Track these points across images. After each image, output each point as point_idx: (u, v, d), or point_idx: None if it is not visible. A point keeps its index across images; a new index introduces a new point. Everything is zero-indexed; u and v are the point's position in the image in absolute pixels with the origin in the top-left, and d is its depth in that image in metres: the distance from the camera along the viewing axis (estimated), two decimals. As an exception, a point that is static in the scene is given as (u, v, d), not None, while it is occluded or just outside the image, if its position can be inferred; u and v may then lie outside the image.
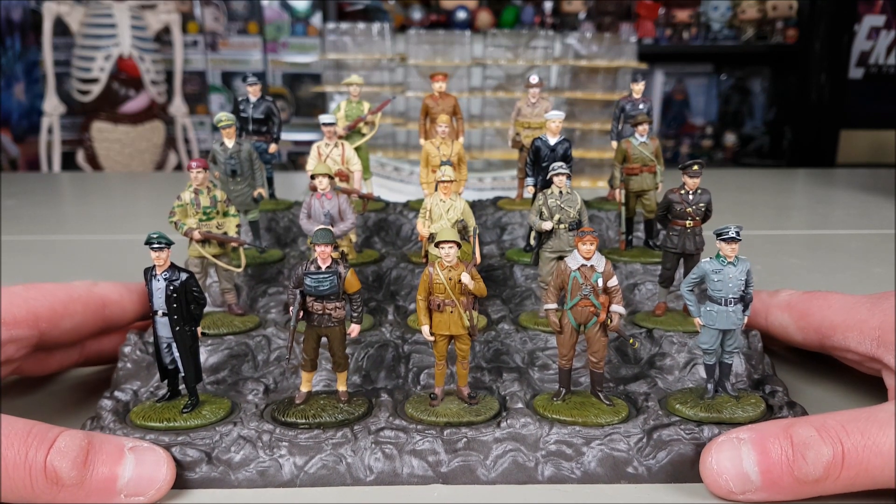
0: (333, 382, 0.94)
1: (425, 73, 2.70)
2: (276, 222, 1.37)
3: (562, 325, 0.87)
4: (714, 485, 0.75)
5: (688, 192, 1.03)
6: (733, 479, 0.74)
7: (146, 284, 0.86)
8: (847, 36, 3.82)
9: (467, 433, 0.82)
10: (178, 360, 0.87)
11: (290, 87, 4.03)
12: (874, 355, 0.89)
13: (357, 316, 0.89)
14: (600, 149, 2.76)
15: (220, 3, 3.91)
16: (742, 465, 0.74)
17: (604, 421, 0.83)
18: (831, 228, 1.98)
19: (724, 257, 0.86)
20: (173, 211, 1.06)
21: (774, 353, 1.11)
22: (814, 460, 0.70)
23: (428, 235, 1.07)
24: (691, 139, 4.14)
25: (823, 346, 0.98)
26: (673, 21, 3.84)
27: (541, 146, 1.20)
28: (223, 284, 1.10)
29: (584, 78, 2.84)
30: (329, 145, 1.24)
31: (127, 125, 3.61)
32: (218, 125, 1.19)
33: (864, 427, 0.71)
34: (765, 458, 0.73)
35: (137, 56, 3.56)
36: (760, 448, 0.73)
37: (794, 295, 1.03)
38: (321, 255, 0.85)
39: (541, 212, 1.04)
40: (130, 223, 2.02)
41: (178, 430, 0.82)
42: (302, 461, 0.80)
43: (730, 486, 0.74)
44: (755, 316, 1.05)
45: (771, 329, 1.04)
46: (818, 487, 0.72)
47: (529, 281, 1.21)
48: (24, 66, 3.83)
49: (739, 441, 0.75)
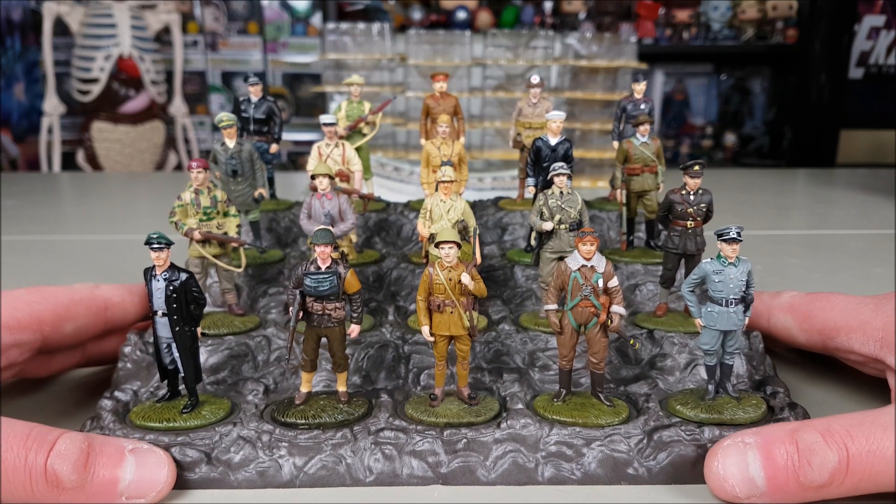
0: (333, 383, 0.94)
1: (425, 73, 2.70)
2: (276, 222, 1.37)
3: (562, 325, 0.87)
4: (719, 489, 0.75)
5: (689, 192, 1.03)
6: (739, 484, 0.74)
7: (146, 285, 0.86)
8: (847, 36, 3.82)
9: (467, 434, 0.82)
10: (177, 361, 0.87)
11: (290, 87, 4.03)
12: (878, 356, 0.89)
13: (357, 316, 0.88)
14: (601, 149, 2.75)
15: (220, 3, 3.91)
16: (748, 470, 0.74)
17: (604, 422, 0.83)
18: (831, 228, 1.98)
19: (725, 258, 0.86)
20: (173, 211, 1.06)
21: (775, 353, 1.11)
22: (819, 466, 0.71)
23: (428, 236, 1.07)
24: (691, 139, 4.13)
25: (826, 347, 0.98)
26: (673, 21, 3.84)
27: (541, 146, 1.20)
28: (223, 285, 1.10)
29: (585, 78, 2.84)
30: (329, 145, 1.24)
31: (127, 125, 3.61)
32: (219, 125, 1.19)
33: (869, 431, 0.71)
34: (770, 464, 0.73)
35: (137, 56, 3.56)
36: (766, 453, 0.73)
37: (796, 296, 1.03)
38: (321, 255, 0.85)
39: (541, 212, 1.04)
40: (130, 223, 2.02)
41: (177, 431, 0.82)
42: (302, 462, 0.80)
43: (735, 490, 0.74)
44: (757, 318, 1.05)
45: (774, 331, 1.04)
46: (822, 492, 0.72)
47: (530, 281, 1.21)
48: (24, 66, 3.83)
49: (745, 446, 0.75)
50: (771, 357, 1.01)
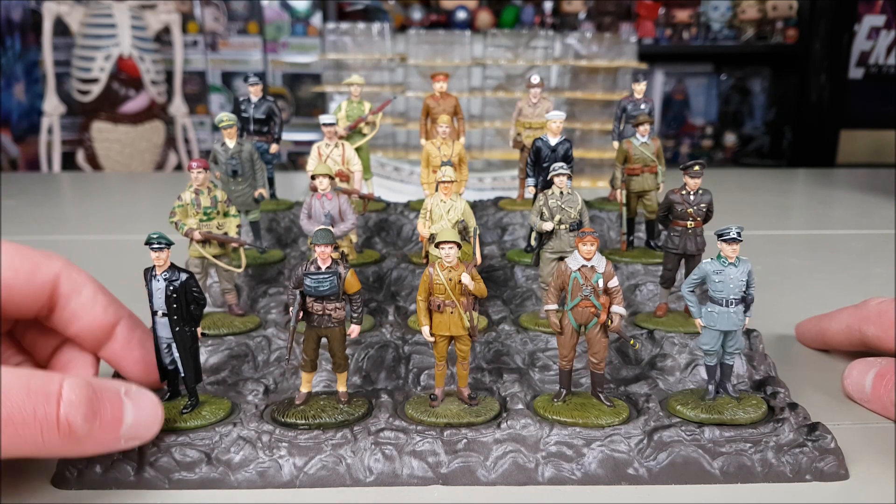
0: (333, 383, 0.94)
1: (425, 73, 2.70)
2: (276, 223, 1.37)
3: (562, 325, 0.87)
4: (846, 388, 0.98)
5: (689, 192, 1.03)
6: (856, 388, 0.97)
7: (146, 285, 0.86)
8: (847, 36, 3.83)
9: (467, 434, 0.82)
10: (177, 361, 0.86)
11: (290, 87, 4.03)
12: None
13: (357, 317, 0.88)
14: (600, 149, 2.76)
15: (220, 3, 3.91)
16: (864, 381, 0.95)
17: (604, 422, 0.83)
18: (831, 228, 1.98)
19: (726, 258, 0.86)
20: (174, 211, 1.06)
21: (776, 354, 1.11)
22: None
23: (428, 236, 1.07)
24: (691, 139, 4.14)
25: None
26: (673, 21, 3.84)
27: (541, 146, 1.20)
28: (223, 285, 1.10)
29: (585, 78, 2.84)
30: (329, 145, 1.24)
31: (127, 125, 3.61)
32: (219, 125, 1.19)
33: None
34: (878, 381, 0.93)
35: (137, 56, 3.56)
36: (879, 375, 0.94)
37: (882, 303, 1.02)
38: (321, 255, 0.85)
39: (541, 212, 1.04)
40: (130, 223, 2.02)
41: (177, 431, 0.82)
42: (302, 462, 0.80)
43: (851, 391, 0.98)
44: (849, 332, 1.05)
45: (870, 343, 1.03)
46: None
47: (530, 282, 1.21)
48: (24, 66, 3.83)
49: (869, 366, 0.96)
50: (771, 357, 1.00)
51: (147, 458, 0.79)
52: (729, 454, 0.80)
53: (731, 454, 0.80)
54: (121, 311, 0.89)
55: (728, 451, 0.81)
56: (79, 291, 0.86)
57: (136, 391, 0.78)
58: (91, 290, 0.87)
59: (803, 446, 0.81)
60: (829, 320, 1.10)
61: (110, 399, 0.75)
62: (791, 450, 0.81)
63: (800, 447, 0.81)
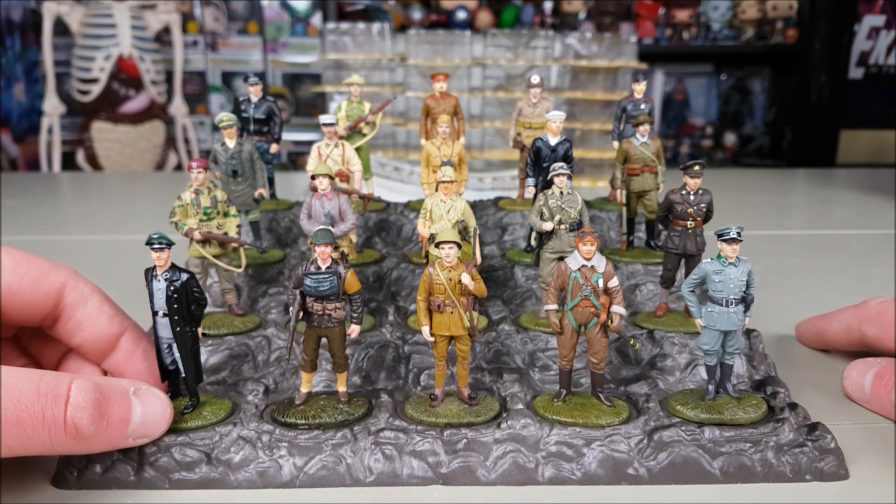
0: (333, 383, 0.94)
1: (425, 73, 2.70)
2: (276, 223, 1.37)
3: (562, 325, 0.87)
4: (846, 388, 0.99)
5: (689, 192, 1.03)
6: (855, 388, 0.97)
7: (147, 285, 0.86)
8: (847, 36, 3.83)
9: (467, 434, 0.82)
10: (178, 361, 0.86)
11: (290, 87, 4.03)
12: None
13: (357, 316, 0.88)
14: (600, 149, 2.76)
15: (220, 3, 3.91)
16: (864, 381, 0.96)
17: (604, 422, 0.83)
18: (831, 228, 1.98)
19: (726, 258, 0.86)
20: (174, 211, 1.06)
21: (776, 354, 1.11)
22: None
23: (428, 236, 1.07)
24: (691, 139, 4.14)
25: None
26: (673, 21, 3.84)
27: (541, 146, 1.20)
28: (224, 285, 1.10)
29: (585, 78, 2.84)
30: (329, 145, 1.24)
31: (127, 125, 3.61)
32: (219, 125, 1.19)
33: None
34: (877, 382, 0.94)
35: (137, 56, 3.56)
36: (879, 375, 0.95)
37: (882, 303, 1.03)
38: (321, 255, 0.85)
39: (541, 212, 1.04)
40: (130, 223, 2.02)
41: (178, 431, 0.82)
42: (302, 462, 0.80)
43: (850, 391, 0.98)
44: (849, 332, 1.05)
45: (869, 343, 1.03)
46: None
47: (530, 282, 1.21)
48: (24, 66, 3.83)
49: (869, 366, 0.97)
50: (771, 357, 1.01)
51: (147, 457, 0.79)
52: (729, 454, 0.80)
53: (731, 454, 0.80)
54: (125, 322, 0.89)
55: (728, 451, 0.81)
56: (85, 302, 0.86)
57: (144, 390, 0.80)
58: (97, 301, 0.87)
59: (803, 446, 0.81)
60: (828, 320, 1.10)
61: (118, 399, 0.76)
62: (791, 450, 0.81)
63: (800, 447, 0.81)
